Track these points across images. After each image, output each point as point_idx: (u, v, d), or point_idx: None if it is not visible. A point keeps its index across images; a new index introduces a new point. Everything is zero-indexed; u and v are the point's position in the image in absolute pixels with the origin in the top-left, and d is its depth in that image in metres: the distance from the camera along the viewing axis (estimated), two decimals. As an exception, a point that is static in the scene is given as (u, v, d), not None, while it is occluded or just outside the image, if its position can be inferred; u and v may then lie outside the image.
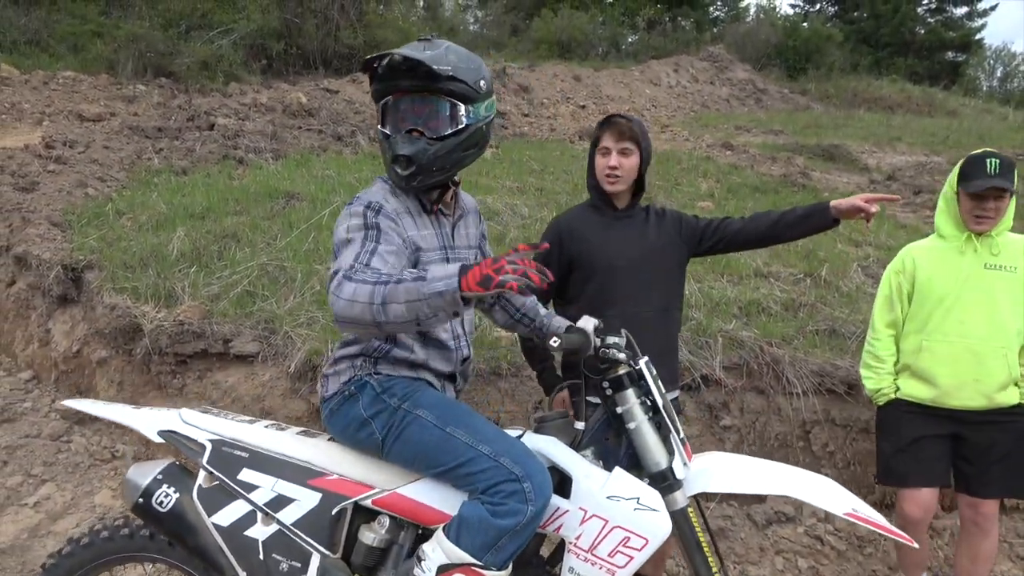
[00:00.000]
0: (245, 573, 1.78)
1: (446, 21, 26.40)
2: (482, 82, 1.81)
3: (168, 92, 10.28)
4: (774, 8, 28.49)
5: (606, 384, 1.81)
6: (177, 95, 10.11)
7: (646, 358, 1.88)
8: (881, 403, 2.77)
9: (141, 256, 4.68)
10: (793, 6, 31.64)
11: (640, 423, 1.80)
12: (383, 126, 1.80)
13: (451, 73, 1.73)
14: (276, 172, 7.13)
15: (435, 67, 1.71)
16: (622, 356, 1.76)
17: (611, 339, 1.81)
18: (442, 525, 1.70)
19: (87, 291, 4.52)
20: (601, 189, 2.43)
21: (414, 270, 1.54)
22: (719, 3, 36.33)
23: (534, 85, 14.09)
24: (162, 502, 1.84)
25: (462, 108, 1.78)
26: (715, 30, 26.94)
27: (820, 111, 16.39)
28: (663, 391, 1.87)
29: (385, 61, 1.74)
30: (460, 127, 1.78)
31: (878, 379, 2.75)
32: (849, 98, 18.14)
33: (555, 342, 1.57)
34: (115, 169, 6.86)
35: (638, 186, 2.44)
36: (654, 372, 1.89)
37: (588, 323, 1.84)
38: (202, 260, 4.70)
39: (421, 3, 26.53)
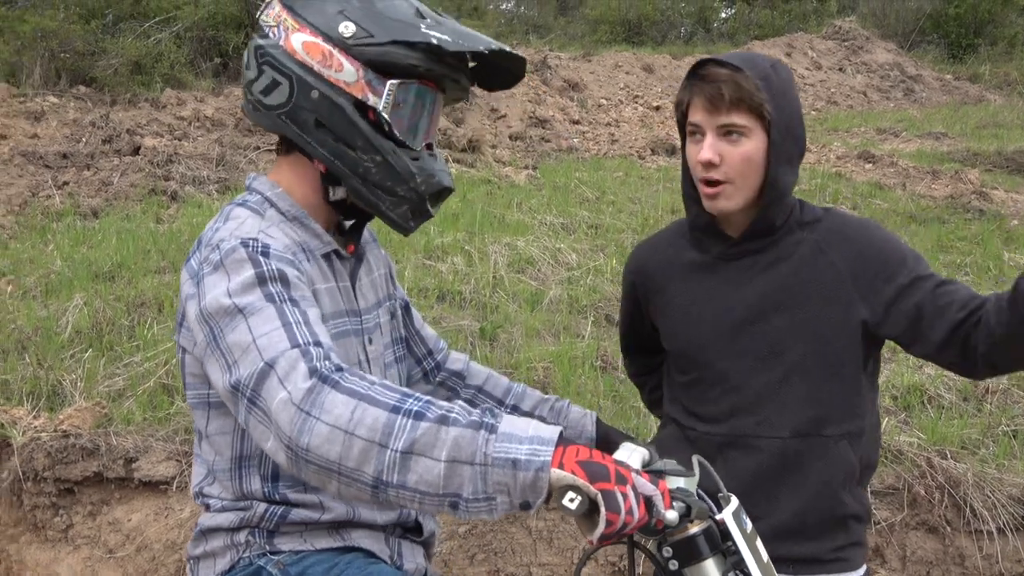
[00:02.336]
0: None
1: (469, -1, 26.95)
2: None
3: (88, 104, 10.52)
4: (926, -35, 28.47)
5: (667, 553, 1.54)
6: (99, 108, 10.33)
7: (734, 504, 1.60)
8: None
9: (19, 335, 4.68)
10: (953, -39, 31.54)
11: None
12: (393, 130, 1.60)
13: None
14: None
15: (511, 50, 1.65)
16: (692, 506, 1.49)
17: (676, 481, 1.54)
18: None
19: None
20: (698, 203, 1.95)
21: (462, 403, 1.29)
22: (847, -39, 36.65)
23: (588, 81, 14.12)
24: None
25: None
26: (843, -2, 26.92)
27: (1000, 103, 16.16)
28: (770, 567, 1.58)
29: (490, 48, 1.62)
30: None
31: None
32: (1041, 85, 17.82)
33: (571, 499, 1.30)
34: (0, 212, 6.91)
35: (768, 194, 1.86)
36: (748, 525, 1.61)
37: (633, 455, 1.58)
38: (104, 340, 4.70)
39: (435, -24, 27.20)
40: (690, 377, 2.01)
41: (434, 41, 1.53)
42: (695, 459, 1.66)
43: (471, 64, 1.67)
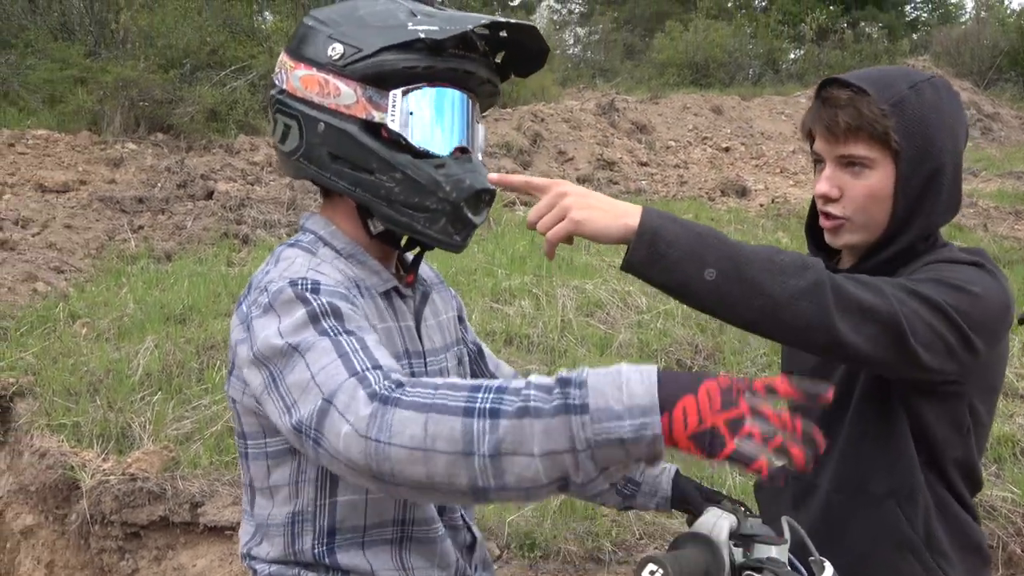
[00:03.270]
0: None
1: (536, 44, 27.25)
2: None
3: (164, 150, 10.78)
4: (1001, 2, 27.92)
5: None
6: (175, 154, 10.57)
7: (828, 572, 1.46)
8: None
9: (92, 378, 4.76)
10: (1029, -2, 30.94)
11: None
12: (405, 128, 1.49)
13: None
14: (291, 254, 7.19)
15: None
16: None
17: (767, 550, 1.42)
18: None
19: (15, 429, 4.55)
20: (819, 237, 1.77)
21: (544, 382, 1.15)
22: (919, 0, 36.23)
23: (656, 123, 14.05)
24: None
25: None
26: (916, 36, 26.58)
27: (1083, 142, 15.72)
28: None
29: (501, 32, 1.53)
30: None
31: None
32: None
33: (654, 572, 1.18)
34: (77, 256, 7.09)
35: (888, 232, 1.68)
36: None
37: (720, 523, 1.45)
38: (174, 383, 4.74)
39: (502, 22, 27.59)
40: None
41: (421, 35, 1.44)
42: (785, 522, 1.53)
43: (484, 51, 1.55)
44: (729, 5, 31.73)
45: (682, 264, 1.38)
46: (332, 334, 1.31)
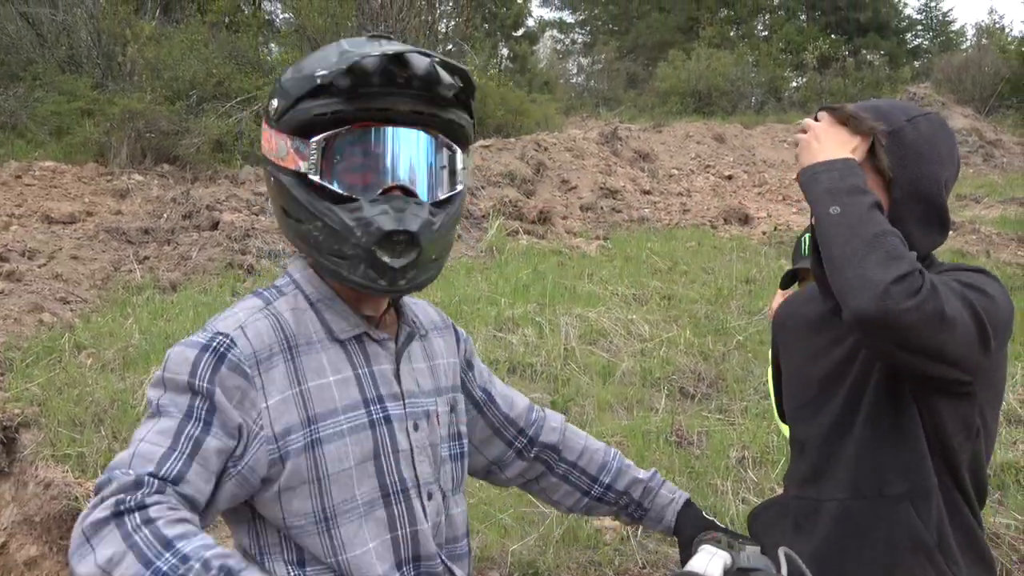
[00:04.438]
0: None
1: (540, 74, 27.41)
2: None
3: (170, 181, 10.84)
4: (1001, 29, 28.04)
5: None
6: (181, 185, 10.63)
7: None
8: None
9: (96, 409, 4.75)
10: (1030, 25, 31.05)
11: None
12: (328, 175, 1.48)
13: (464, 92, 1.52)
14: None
15: (450, 79, 1.46)
16: None
17: (757, 576, 1.42)
18: None
19: (20, 460, 4.51)
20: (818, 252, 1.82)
21: (229, 566, 1.20)
22: (920, 28, 36.41)
23: (659, 151, 14.12)
24: None
25: (459, 158, 1.55)
26: (917, 64, 26.70)
27: (1085, 169, 15.73)
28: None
29: (378, 65, 1.43)
30: (458, 189, 1.56)
31: None
32: None
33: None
34: (83, 287, 7.11)
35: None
36: None
37: (714, 561, 1.46)
38: (178, 413, 4.68)
39: (506, 52, 27.77)
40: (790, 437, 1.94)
41: (319, 82, 1.43)
42: (782, 553, 1.54)
43: (405, 81, 1.46)
44: (731, 34, 31.98)
45: (827, 194, 1.62)
46: (189, 420, 1.36)
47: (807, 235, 2.73)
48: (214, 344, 1.42)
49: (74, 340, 5.84)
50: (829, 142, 1.67)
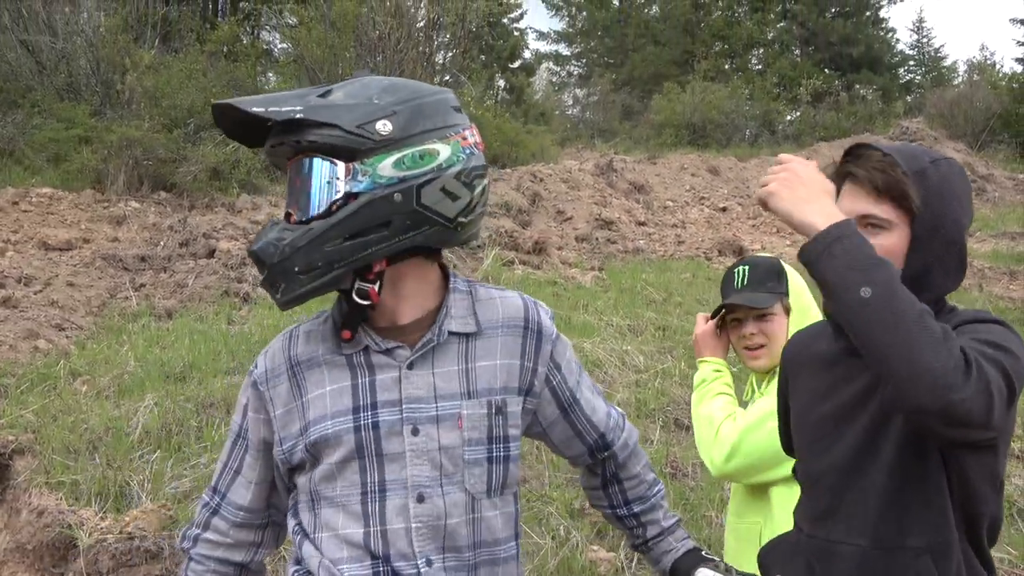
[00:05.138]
0: None
1: (536, 105, 27.60)
2: (380, 123, 1.58)
3: (167, 209, 10.86)
4: (993, 65, 28.33)
5: None
6: (178, 212, 10.65)
7: None
8: None
9: (91, 436, 4.73)
10: (1021, 60, 31.42)
11: None
12: None
13: (295, 115, 1.54)
14: (291, 312, 7.19)
15: (251, 109, 1.54)
16: None
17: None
18: None
19: (13, 487, 4.50)
20: None
21: None
22: (912, 63, 36.76)
23: (654, 183, 14.19)
24: None
25: (337, 168, 1.58)
26: (909, 99, 26.93)
27: (1077, 203, 15.83)
28: None
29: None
30: (335, 198, 1.59)
31: None
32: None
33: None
34: (79, 313, 7.11)
35: (916, 287, 1.65)
36: None
37: (712, 582, 1.47)
38: (173, 441, 4.73)
39: (502, 84, 27.97)
40: (799, 473, 1.93)
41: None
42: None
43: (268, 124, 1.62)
44: (726, 68, 32.25)
45: (848, 272, 1.48)
46: (234, 435, 1.76)
47: (744, 267, 2.62)
48: (252, 367, 1.75)
49: (69, 367, 5.85)
50: (816, 187, 1.58)
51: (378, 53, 14.63)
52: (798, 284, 2.50)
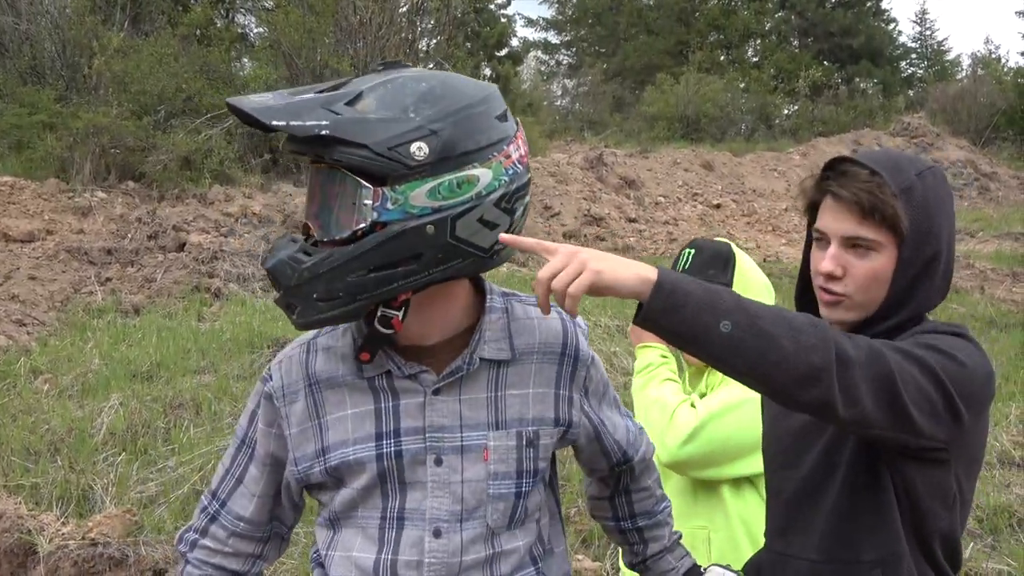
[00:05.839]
0: None
1: (523, 95, 27.60)
2: (416, 146, 1.46)
3: (135, 200, 10.81)
4: (998, 59, 28.53)
5: None
6: (147, 204, 10.60)
7: None
8: None
9: (52, 437, 4.71)
10: (1026, 55, 31.59)
11: None
12: None
13: (320, 131, 1.44)
14: (264, 310, 7.23)
15: (271, 122, 1.44)
16: None
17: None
18: None
19: None
20: (814, 308, 1.83)
21: None
22: (914, 56, 36.98)
23: (645, 178, 14.22)
24: None
25: (365, 191, 1.48)
26: (911, 93, 27.09)
27: (1082, 204, 15.96)
28: None
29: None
30: (362, 227, 1.49)
31: None
32: None
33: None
34: (41, 308, 7.07)
35: (889, 308, 1.76)
36: None
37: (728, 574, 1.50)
38: (139, 443, 4.70)
39: (489, 72, 27.97)
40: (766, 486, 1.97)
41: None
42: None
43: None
44: (721, 59, 32.33)
45: (700, 315, 1.46)
46: (239, 452, 1.72)
47: (689, 251, 2.61)
48: (265, 375, 1.71)
49: (30, 364, 5.82)
50: (603, 253, 1.51)
51: (358, 39, 14.62)
52: (746, 271, 2.50)
